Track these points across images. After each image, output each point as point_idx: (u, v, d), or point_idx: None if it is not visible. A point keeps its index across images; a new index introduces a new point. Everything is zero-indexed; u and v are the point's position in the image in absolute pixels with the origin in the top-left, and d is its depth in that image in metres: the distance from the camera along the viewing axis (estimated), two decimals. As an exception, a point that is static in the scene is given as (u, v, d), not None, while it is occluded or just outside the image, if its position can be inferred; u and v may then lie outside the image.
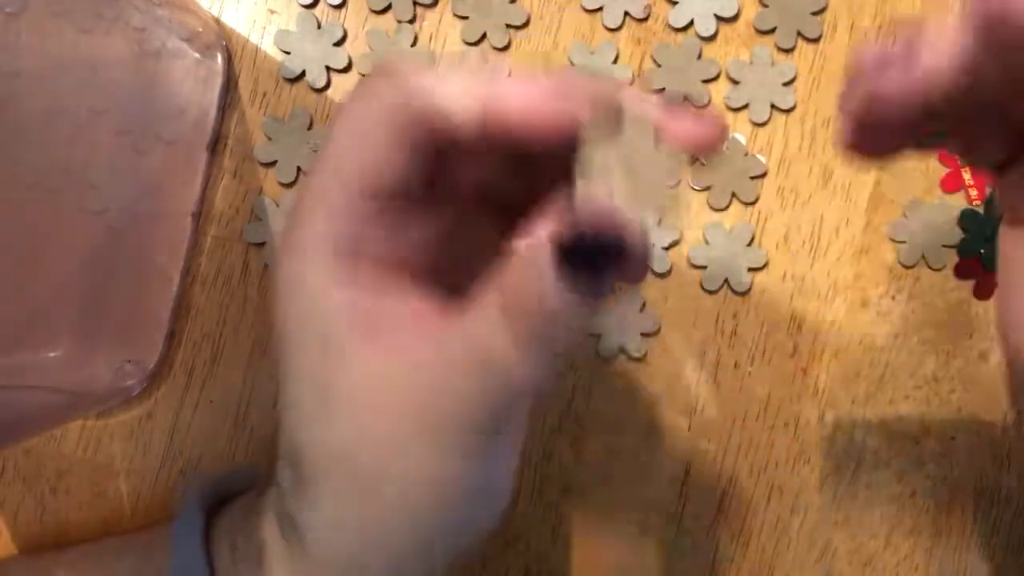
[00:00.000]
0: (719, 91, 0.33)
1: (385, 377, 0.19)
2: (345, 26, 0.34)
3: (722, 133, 0.19)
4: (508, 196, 0.22)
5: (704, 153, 0.19)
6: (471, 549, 0.22)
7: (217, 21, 0.34)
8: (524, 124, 0.19)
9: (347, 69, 0.34)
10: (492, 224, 0.23)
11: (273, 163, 0.34)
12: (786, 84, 0.33)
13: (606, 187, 0.18)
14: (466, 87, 0.19)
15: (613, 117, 0.18)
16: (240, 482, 0.29)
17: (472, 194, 0.22)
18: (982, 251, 0.32)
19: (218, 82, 0.33)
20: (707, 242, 0.33)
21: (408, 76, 0.19)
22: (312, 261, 0.20)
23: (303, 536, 0.22)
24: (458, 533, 0.22)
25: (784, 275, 0.33)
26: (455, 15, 0.34)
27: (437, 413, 0.19)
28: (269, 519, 0.24)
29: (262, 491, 0.26)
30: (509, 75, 0.19)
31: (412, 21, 0.34)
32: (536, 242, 0.18)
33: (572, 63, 0.33)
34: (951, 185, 0.33)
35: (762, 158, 0.33)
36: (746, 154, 0.33)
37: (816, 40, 0.33)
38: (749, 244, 0.33)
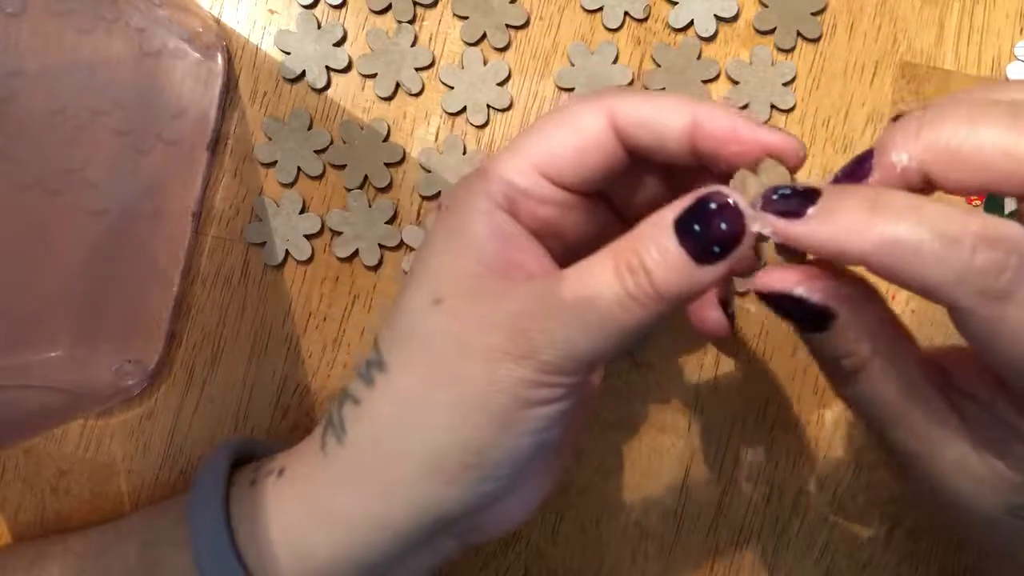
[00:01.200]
0: (719, 91, 0.33)
1: (493, 296, 0.22)
2: (345, 26, 0.34)
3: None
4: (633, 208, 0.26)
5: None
6: (492, 501, 0.23)
7: (217, 21, 0.34)
8: (724, 145, 0.22)
9: (347, 69, 0.34)
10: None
11: (273, 163, 0.34)
12: (786, 84, 0.33)
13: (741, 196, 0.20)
14: (677, 105, 0.22)
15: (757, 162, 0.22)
16: (262, 450, 0.29)
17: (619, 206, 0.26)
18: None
19: (218, 82, 0.33)
20: (707, 242, 0.33)
21: (628, 92, 0.23)
22: (483, 195, 0.23)
23: (345, 433, 0.23)
24: (488, 468, 0.22)
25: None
26: (455, 15, 0.34)
27: (530, 332, 0.21)
28: (308, 443, 0.25)
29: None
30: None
31: (412, 21, 0.34)
32: (659, 212, 0.20)
33: (572, 63, 0.33)
34: (951, 185, 0.33)
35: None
36: (746, 154, 0.33)
37: (816, 40, 0.33)
38: (749, 244, 0.33)
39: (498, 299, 0.21)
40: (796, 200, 0.19)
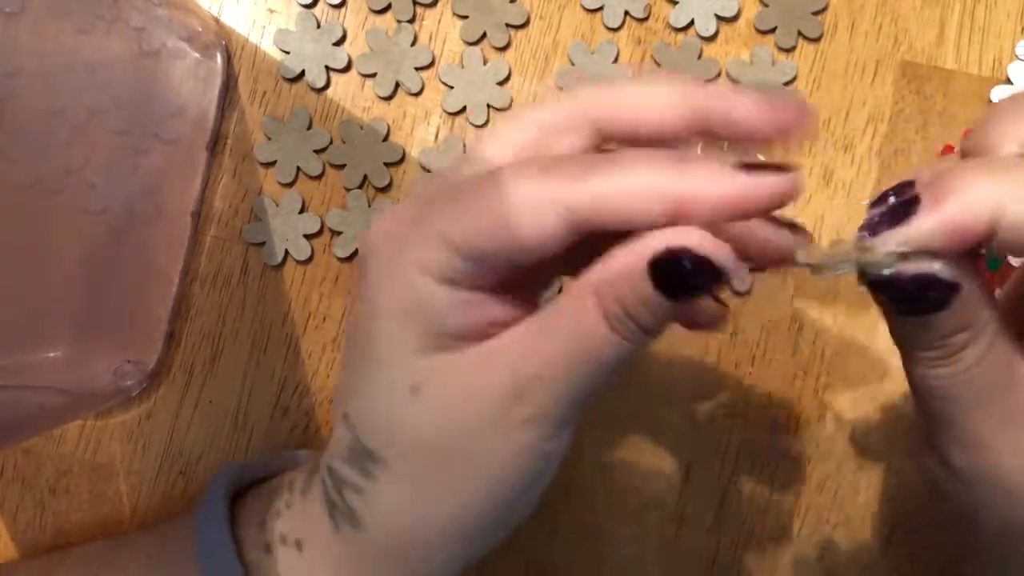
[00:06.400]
0: (719, 91, 0.33)
1: (477, 370, 0.20)
2: (345, 25, 0.34)
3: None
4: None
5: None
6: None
7: (216, 21, 0.34)
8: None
9: (347, 69, 0.34)
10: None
11: (273, 163, 0.34)
12: (786, 84, 0.33)
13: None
14: (647, 190, 0.19)
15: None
16: (264, 469, 0.29)
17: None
18: (983, 251, 0.32)
19: (217, 82, 0.33)
20: (707, 242, 0.33)
21: (579, 179, 0.19)
22: (417, 258, 0.20)
23: (360, 522, 0.22)
24: (516, 513, 0.22)
25: (784, 275, 0.33)
26: (455, 14, 0.34)
27: (534, 392, 0.20)
28: (312, 507, 0.24)
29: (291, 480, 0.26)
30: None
31: (412, 20, 0.34)
32: (630, 250, 0.19)
33: (572, 63, 0.33)
34: (952, 185, 0.33)
35: (763, 158, 0.33)
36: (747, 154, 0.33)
37: (817, 40, 0.33)
38: (749, 244, 0.33)
39: (485, 370, 0.20)
40: (898, 205, 0.18)
